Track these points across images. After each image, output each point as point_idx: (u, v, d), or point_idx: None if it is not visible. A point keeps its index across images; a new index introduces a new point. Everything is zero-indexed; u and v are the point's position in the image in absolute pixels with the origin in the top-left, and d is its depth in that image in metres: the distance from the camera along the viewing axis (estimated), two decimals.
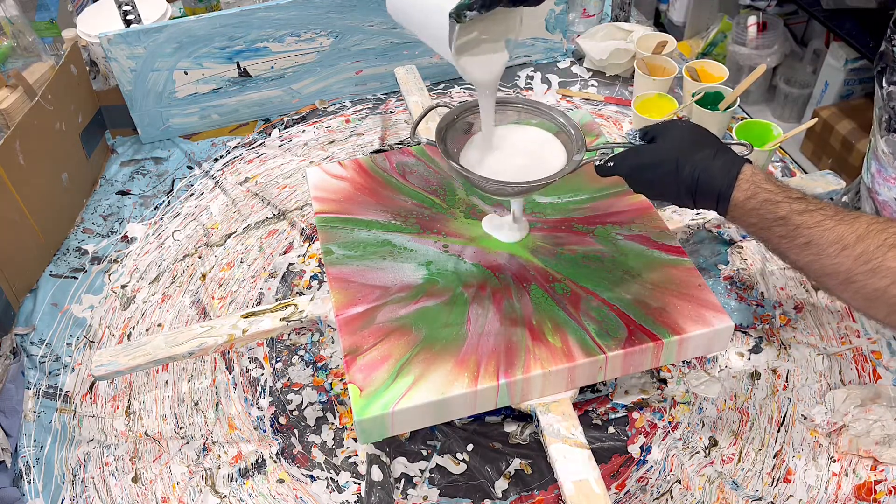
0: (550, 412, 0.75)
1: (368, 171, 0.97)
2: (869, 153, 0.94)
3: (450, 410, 0.74)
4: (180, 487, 0.84)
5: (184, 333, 0.84)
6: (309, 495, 0.83)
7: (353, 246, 0.87)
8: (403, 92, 1.23)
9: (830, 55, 2.00)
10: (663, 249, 0.84)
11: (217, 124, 1.36)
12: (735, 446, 0.83)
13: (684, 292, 0.79)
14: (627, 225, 0.88)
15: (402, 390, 0.72)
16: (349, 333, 0.77)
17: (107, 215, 1.20)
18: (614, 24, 1.40)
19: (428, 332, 0.77)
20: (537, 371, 0.73)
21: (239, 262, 1.10)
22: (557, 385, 0.76)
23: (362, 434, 0.72)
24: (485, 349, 0.75)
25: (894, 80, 0.86)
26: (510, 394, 0.74)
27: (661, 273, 0.82)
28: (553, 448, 0.72)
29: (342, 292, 0.82)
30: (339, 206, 0.93)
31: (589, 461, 0.71)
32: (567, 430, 0.74)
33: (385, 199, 0.93)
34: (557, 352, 0.75)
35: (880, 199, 0.92)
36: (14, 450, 0.89)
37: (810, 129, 2.01)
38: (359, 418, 0.70)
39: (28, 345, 1.00)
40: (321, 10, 1.27)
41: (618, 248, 0.85)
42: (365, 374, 0.73)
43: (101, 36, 1.20)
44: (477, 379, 0.73)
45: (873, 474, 0.79)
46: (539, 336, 0.76)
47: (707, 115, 1.16)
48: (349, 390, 0.72)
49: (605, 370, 0.76)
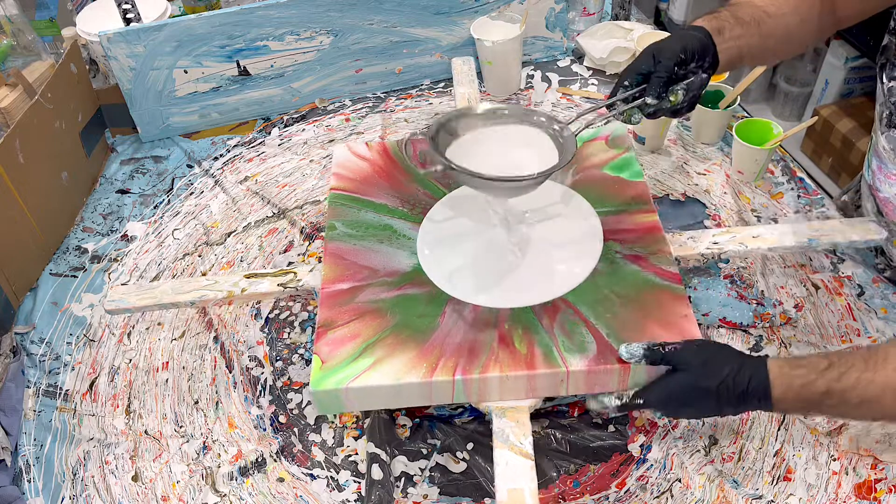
0: (505, 417, 0.75)
1: (392, 155, 1.00)
2: (870, 150, 0.94)
3: (404, 397, 0.76)
4: (180, 486, 0.84)
5: (189, 283, 0.89)
6: (309, 494, 0.83)
7: (356, 225, 0.90)
8: (455, 81, 1.25)
9: (831, 53, 2.00)
10: (658, 274, 0.82)
11: (217, 123, 1.36)
12: (735, 445, 0.83)
13: (668, 320, 0.77)
14: (630, 244, 0.86)
15: (361, 369, 0.75)
16: (328, 307, 0.81)
17: (106, 214, 1.20)
18: (614, 23, 1.40)
19: (401, 319, 0.79)
20: (495, 373, 0.74)
21: (239, 260, 1.10)
22: (516, 391, 0.76)
23: (318, 404, 0.77)
24: (450, 344, 0.77)
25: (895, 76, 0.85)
26: (466, 391, 0.75)
27: (650, 298, 0.80)
28: (498, 452, 0.72)
29: (333, 267, 0.85)
30: (354, 184, 0.96)
31: (530, 472, 0.70)
32: (516, 438, 0.73)
33: (399, 184, 0.96)
34: (520, 358, 0.75)
35: (881, 196, 0.92)
36: (14, 448, 0.89)
37: (810, 128, 2.01)
38: (314, 389, 0.74)
39: (28, 343, 1.00)
40: (321, 9, 1.27)
41: (614, 265, 0.84)
42: (331, 348, 0.77)
43: (101, 34, 1.20)
44: (434, 371, 0.74)
45: (873, 473, 0.78)
46: (507, 340, 0.77)
47: (707, 113, 1.16)
48: (312, 360, 0.76)
49: (566, 384, 0.75)
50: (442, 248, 0.87)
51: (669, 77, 0.79)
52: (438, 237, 0.89)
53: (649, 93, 0.80)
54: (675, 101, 0.80)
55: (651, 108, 0.81)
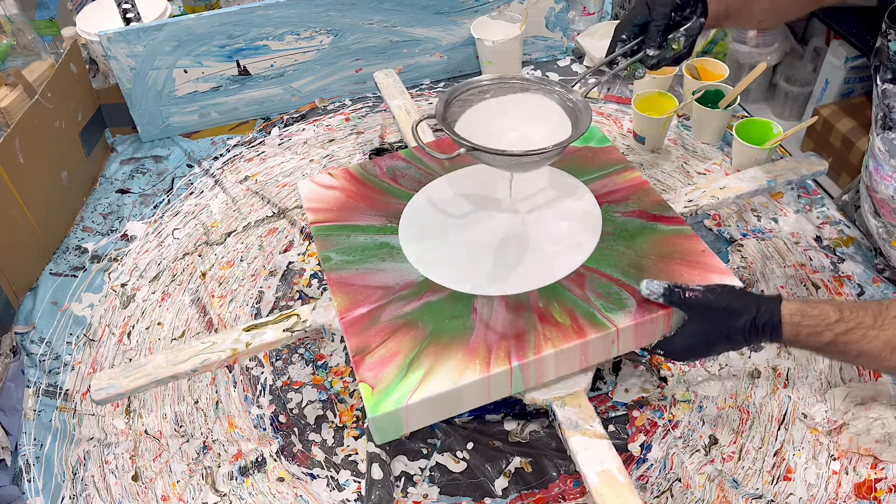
0: (567, 405, 0.75)
1: (359, 178, 0.96)
2: (868, 151, 0.94)
3: (464, 400, 0.73)
4: (180, 486, 0.84)
5: (185, 351, 0.81)
6: (309, 493, 0.83)
7: (351, 251, 0.87)
8: (385, 97, 1.20)
9: (831, 53, 2.00)
10: (662, 221, 0.85)
11: (217, 122, 1.36)
12: (735, 444, 0.83)
13: (689, 259, 0.80)
14: (624, 202, 0.88)
15: (414, 384, 0.71)
16: (355, 334, 0.77)
17: (106, 214, 1.20)
18: (614, 22, 1.40)
19: (435, 326, 0.77)
20: (549, 350, 0.73)
21: (239, 260, 1.10)
22: (571, 364, 0.75)
23: (378, 433, 0.71)
24: (494, 335, 0.75)
25: (888, 78, 0.85)
26: (524, 376, 0.74)
27: (664, 244, 0.82)
28: (573, 440, 0.72)
29: (344, 295, 0.81)
30: (333, 214, 0.92)
31: (610, 451, 0.71)
32: (585, 422, 0.73)
33: (378, 203, 0.93)
34: (568, 330, 0.74)
35: (878, 197, 0.92)
36: (14, 448, 0.89)
37: (810, 128, 2.01)
38: (372, 415, 0.69)
39: (28, 343, 1.00)
40: (321, 9, 1.27)
41: (617, 224, 0.85)
42: (375, 372, 0.72)
43: (101, 34, 1.20)
44: (489, 364, 0.72)
45: (873, 472, 0.78)
46: (547, 317, 0.76)
47: (707, 113, 1.16)
48: (360, 390, 0.71)
49: (617, 344, 0.75)
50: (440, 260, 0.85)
51: (667, 24, 0.79)
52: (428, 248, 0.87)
53: (649, 43, 0.80)
54: (678, 49, 0.81)
55: (653, 59, 0.82)
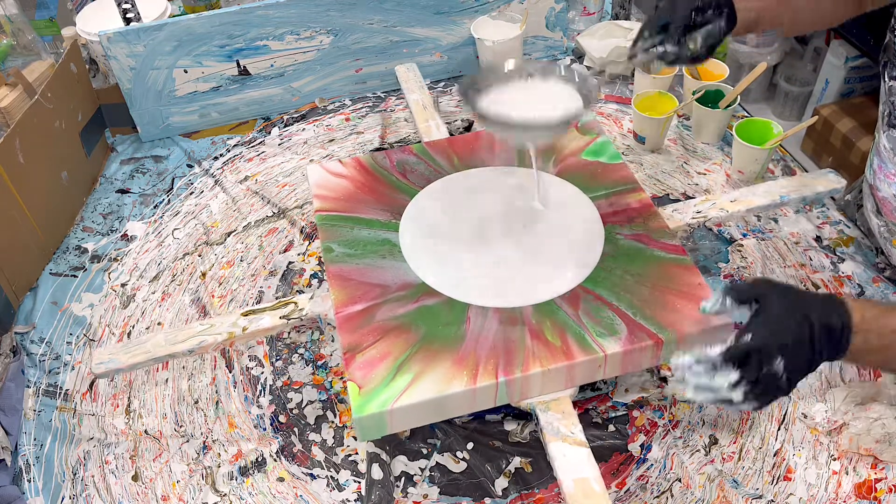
0: (550, 410, 0.75)
1: (369, 169, 0.97)
2: (873, 149, 0.94)
3: (448, 408, 0.74)
4: (180, 486, 0.84)
5: (184, 331, 0.84)
6: (309, 493, 0.83)
7: (353, 244, 0.87)
8: (404, 90, 1.22)
9: (831, 53, 2.00)
10: (663, 248, 0.85)
11: (217, 122, 1.36)
12: (735, 444, 0.83)
13: (684, 291, 0.79)
14: (628, 224, 0.88)
15: (401, 388, 0.72)
16: (349, 331, 0.78)
17: (106, 214, 1.20)
18: (614, 23, 1.40)
19: (427, 331, 0.77)
20: (536, 369, 0.73)
21: (239, 260, 1.10)
22: (557, 383, 0.76)
23: (361, 431, 0.73)
24: (484, 348, 0.75)
25: (895, 75, 0.85)
26: (509, 392, 0.74)
27: (661, 272, 0.82)
28: (553, 446, 0.73)
29: (342, 290, 0.82)
30: (339, 203, 0.93)
31: (588, 459, 0.71)
32: (567, 429, 0.74)
33: (385, 197, 0.93)
34: (557, 351, 0.75)
35: (880, 196, 0.92)
36: (14, 448, 0.88)
37: (811, 128, 2.01)
38: (357, 415, 0.70)
39: (28, 343, 1.00)
40: (321, 8, 1.27)
41: (618, 247, 0.85)
42: (364, 372, 0.74)
43: (101, 34, 1.20)
44: (476, 377, 0.73)
45: (874, 472, 0.78)
46: (538, 335, 0.76)
47: (707, 113, 1.16)
48: (348, 388, 0.73)
49: (604, 368, 0.76)
50: (439, 264, 0.85)
51: (686, 25, 0.81)
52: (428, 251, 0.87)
53: (667, 40, 0.82)
54: (694, 49, 0.83)
55: (670, 57, 0.84)
